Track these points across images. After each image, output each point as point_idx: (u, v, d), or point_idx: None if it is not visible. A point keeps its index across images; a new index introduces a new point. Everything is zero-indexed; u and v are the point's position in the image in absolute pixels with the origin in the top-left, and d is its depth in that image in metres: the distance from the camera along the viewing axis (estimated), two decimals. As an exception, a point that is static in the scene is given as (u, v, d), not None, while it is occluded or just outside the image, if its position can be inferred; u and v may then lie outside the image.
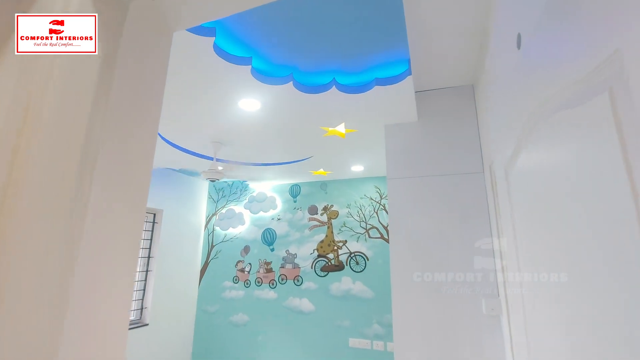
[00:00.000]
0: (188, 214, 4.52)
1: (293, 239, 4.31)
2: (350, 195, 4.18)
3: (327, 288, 4.00)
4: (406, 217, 2.24)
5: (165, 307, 4.03)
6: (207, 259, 4.66)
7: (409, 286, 2.13)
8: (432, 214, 2.18)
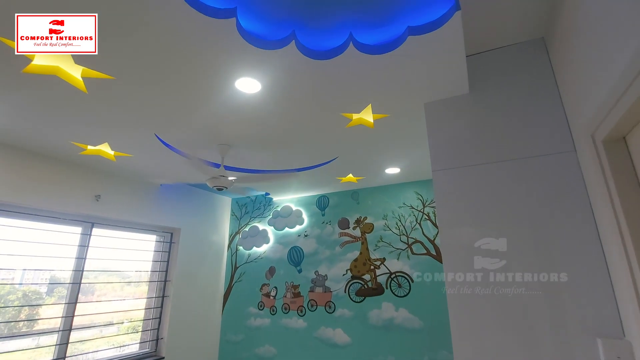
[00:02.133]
0: (209, 232, 4.16)
1: (323, 258, 3.76)
2: (387, 205, 3.58)
3: (364, 316, 3.36)
4: (462, 222, 1.63)
5: (184, 338, 3.61)
6: (231, 282, 4.23)
7: (477, 315, 1.49)
8: (501, 217, 1.55)
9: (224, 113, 2.03)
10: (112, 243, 3.24)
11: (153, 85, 1.73)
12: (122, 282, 3.42)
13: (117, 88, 1.75)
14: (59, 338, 2.74)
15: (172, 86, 1.74)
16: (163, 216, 3.62)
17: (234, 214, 4.51)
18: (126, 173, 3.21)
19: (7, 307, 2.56)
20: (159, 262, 3.66)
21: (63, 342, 2.74)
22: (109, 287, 3.32)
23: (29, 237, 2.68)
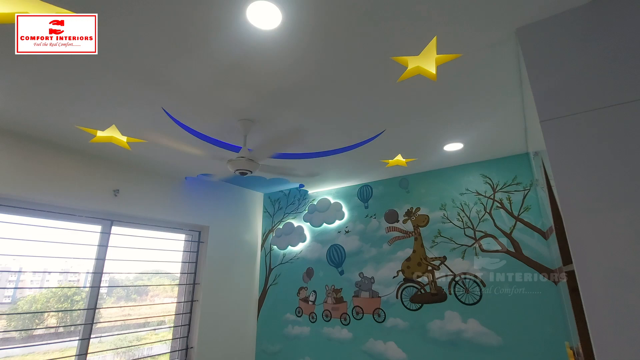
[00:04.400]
0: (240, 230, 3.79)
1: (368, 257, 3.21)
2: (445, 192, 2.94)
3: (423, 327, 2.75)
4: (611, 202, 1.01)
5: (216, 347, 3.25)
6: (266, 285, 3.82)
7: None
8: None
9: (236, 59, 1.57)
10: (135, 242, 2.94)
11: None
12: (149, 285, 3.13)
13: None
14: (78, 348, 2.46)
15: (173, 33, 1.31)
16: (189, 213, 3.29)
17: (266, 210, 4.10)
18: (145, 165, 2.90)
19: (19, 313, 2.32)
20: (187, 264, 3.33)
21: (82, 352, 2.46)
22: (133, 291, 3.04)
23: (44, 236, 2.44)
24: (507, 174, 2.67)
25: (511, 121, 2.12)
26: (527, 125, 2.09)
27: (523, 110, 1.96)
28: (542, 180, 1.53)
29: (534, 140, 1.71)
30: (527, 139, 2.32)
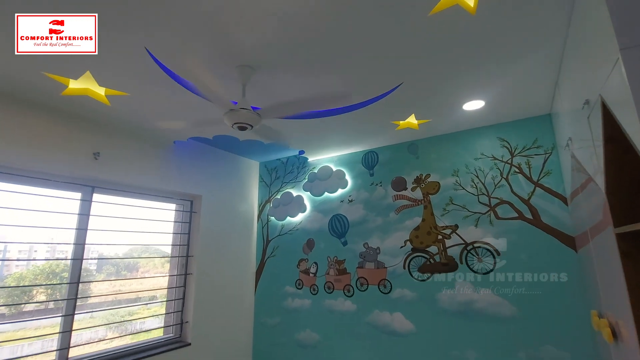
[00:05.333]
0: (235, 201, 3.55)
1: (373, 227, 3.04)
2: (458, 157, 2.75)
3: (432, 298, 2.64)
4: None
5: (212, 321, 3.09)
6: (263, 258, 3.65)
7: None
8: None
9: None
10: (121, 212, 2.68)
11: None
12: (138, 258, 2.90)
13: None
14: (62, 325, 2.25)
15: None
16: (179, 181, 3.02)
17: (263, 180, 3.86)
18: (128, 125, 2.59)
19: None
20: (179, 235, 3.11)
21: (66, 329, 2.25)
22: (123, 266, 2.81)
23: (15, 204, 2.15)
24: (527, 136, 2.48)
25: (543, 73, 1.89)
26: (560, 79, 1.87)
27: (561, 58, 1.73)
28: (594, 133, 1.34)
29: (585, 86, 1.49)
30: (556, 97, 2.11)
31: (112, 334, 2.61)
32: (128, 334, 2.67)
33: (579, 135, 1.59)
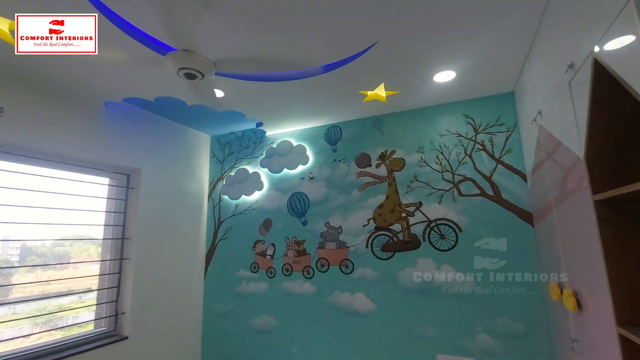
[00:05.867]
0: (182, 177, 3.16)
1: (335, 206, 2.89)
2: (423, 133, 2.68)
3: (393, 277, 2.58)
4: None
5: (154, 311, 2.74)
6: (214, 241, 3.33)
7: None
8: None
9: None
10: (33, 184, 2.19)
11: None
12: (60, 240, 2.43)
13: None
14: (-50, 323, 1.77)
15: None
16: (113, 151, 2.57)
17: (215, 155, 3.50)
18: (43, 76, 2.08)
19: None
20: (112, 214, 2.67)
21: (-43, 329, 1.78)
22: (49, 254, 2.34)
23: None
24: (491, 114, 2.48)
25: (515, 43, 1.84)
26: (534, 49, 1.84)
27: (539, 24, 1.68)
28: (577, 97, 1.29)
29: (569, 49, 1.44)
30: (524, 72, 2.10)
31: (38, 330, 2.17)
32: (53, 329, 2.23)
33: (555, 105, 1.56)
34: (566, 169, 1.51)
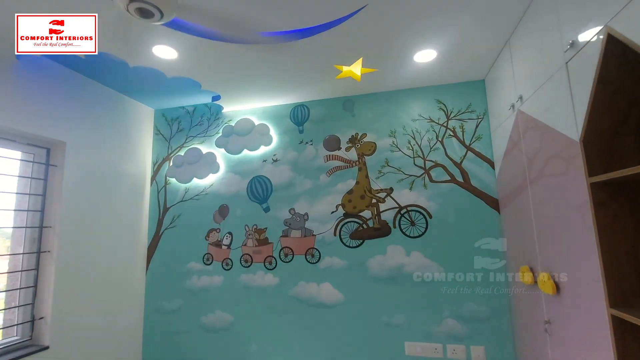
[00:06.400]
0: (118, 155, 2.68)
1: (301, 191, 2.69)
2: (395, 117, 2.59)
3: (362, 265, 2.48)
4: None
5: (83, 313, 2.29)
6: (159, 230, 2.91)
7: None
8: None
9: None
10: None
11: None
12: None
13: None
14: None
15: None
16: (28, 117, 2.04)
17: (160, 132, 3.04)
18: None
19: None
20: (27, 197, 2.14)
21: None
22: None
23: None
24: (462, 100, 2.48)
25: (499, 23, 1.81)
26: (518, 34, 1.82)
27: (529, 4, 1.64)
28: (577, 78, 1.26)
29: (572, 28, 1.40)
30: (501, 59, 2.09)
31: None
32: None
33: (544, 88, 1.54)
34: (553, 153, 1.50)
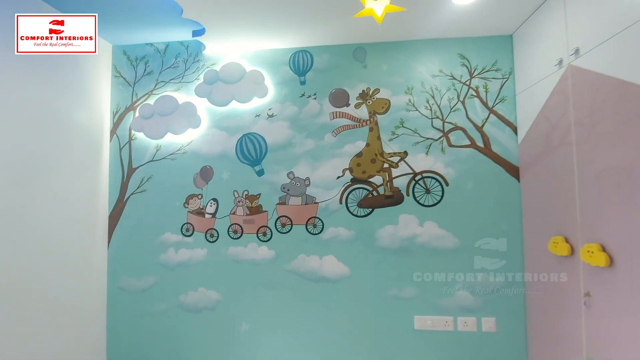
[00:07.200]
0: (64, 101, 2.06)
1: (302, 152, 2.32)
2: (413, 71, 2.28)
3: (371, 236, 2.25)
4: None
5: (23, 300, 1.80)
6: (123, 196, 2.39)
7: None
8: None
9: None
10: None
11: None
12: None
13: None
14: None
15: None
16: None
17: (120, 73, 2.42)
18: None
19: None
20: None
21: None
22: None
23: None
24: (487, 57, 2.23)
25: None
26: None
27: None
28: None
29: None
30: (544, 8, 1.85)
31: None
32: None
33: (621, 38, 1.32)
34: (626, 109, 1.32)
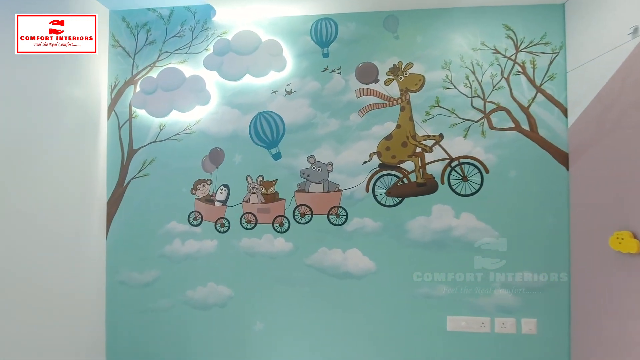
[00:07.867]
0: (56, 73, 1.79)
1: (324, 134, 2.08)
2: (452, 44, 2.03)
3: (400, 228, 2.02)
4: None
5: (12, 296, 1.57)
6: (123, 180, 2.14)
7: None
8: None
9: None
10: None
11: None
12: None
13: None
14: None
15: None
16: None
17: (118, 42, 2.15)
18: None
19: None
20: None
21: None
22: None
23: None
24: (536, 28, 1.98)
25: None
26: None
27: None
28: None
29: None
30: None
31: None
32: None
33: None
34: None
